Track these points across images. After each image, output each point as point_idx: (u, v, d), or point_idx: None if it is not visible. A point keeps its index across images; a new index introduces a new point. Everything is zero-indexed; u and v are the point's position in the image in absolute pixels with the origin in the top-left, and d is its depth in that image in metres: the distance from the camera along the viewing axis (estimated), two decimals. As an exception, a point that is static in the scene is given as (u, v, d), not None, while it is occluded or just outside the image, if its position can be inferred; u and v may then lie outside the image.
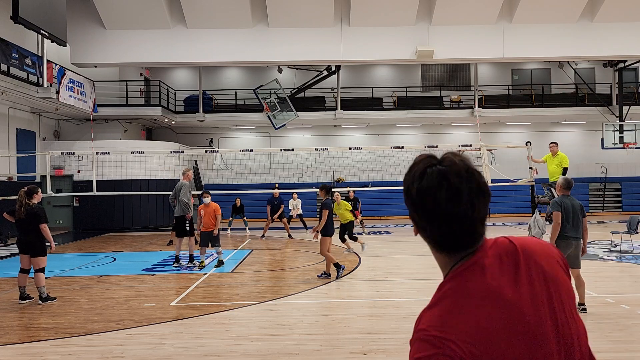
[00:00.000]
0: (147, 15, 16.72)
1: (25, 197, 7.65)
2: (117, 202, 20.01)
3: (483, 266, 1.26)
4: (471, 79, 25.10)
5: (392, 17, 17.01)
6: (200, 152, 20.21)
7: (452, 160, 1.27)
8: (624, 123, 21.51)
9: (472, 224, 1.27)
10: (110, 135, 21.52)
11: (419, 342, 1.20)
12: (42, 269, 7.69)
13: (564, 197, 6.79)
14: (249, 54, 17.38)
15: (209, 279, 9.54)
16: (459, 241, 1.28)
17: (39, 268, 7.65)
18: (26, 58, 15.18)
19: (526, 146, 12.71)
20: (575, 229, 6.63)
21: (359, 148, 14.56)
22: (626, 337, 5.70)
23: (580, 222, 6.69)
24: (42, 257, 7.68)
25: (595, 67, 25.60)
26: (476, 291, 1.22)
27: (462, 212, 1.24)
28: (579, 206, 6.74)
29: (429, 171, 1.26)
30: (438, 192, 1.24)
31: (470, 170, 1.27)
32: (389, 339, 5.71)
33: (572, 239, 6.63)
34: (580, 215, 6.70)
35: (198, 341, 5.78)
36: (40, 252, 7.67)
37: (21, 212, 7.60)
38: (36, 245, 7.64)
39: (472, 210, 1.25)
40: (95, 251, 13.98)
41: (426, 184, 1.25)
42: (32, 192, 7.74)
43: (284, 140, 25.57)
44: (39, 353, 5.45)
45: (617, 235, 12.36)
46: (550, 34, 17.31)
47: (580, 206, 6.77)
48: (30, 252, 7.64)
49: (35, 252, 7.63)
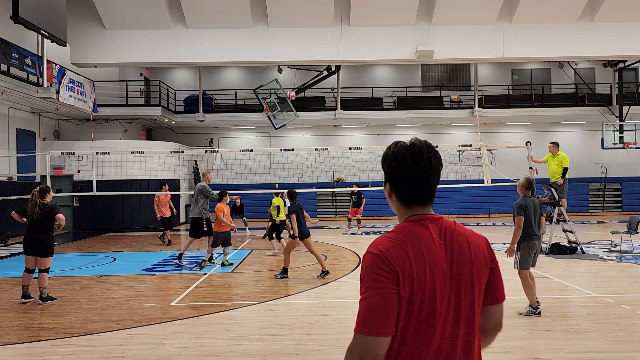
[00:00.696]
0: (147, 15, 16.72)
1: (39, 197, 7.71)
2: (117, 202, 20.01)
3: (427, 225, 1.80)
4: (471, 79, 25.10)
5: (392, 17, 17.00)
6: (200, 152, 20.22)
7: (417, 139, 1.88)
8: (624, 123, 21.51)
9: (429, 181, 1.84)
10: (110, 135, 21.52)
11: (370, 253, 1.74)
12: (47, 270, 7.73)
13: (526, 198, 6.81)
14: (249, 54, 17.38)
15: (209, 279, 9.54)
16: (417, 195, 1.84)
17: (45, 268, 7.68)
18: (26, 58, 15.18)
19: (526, 146, 12.70)
20: (536, 229, 6.74)
21: (359, 148, 14.55)
22: (626, 337, 5.70)
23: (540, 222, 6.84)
24: (50, 257, 7.74)
25: (595, 67, 25.59)
26: (417, 237, 1.76)
27: (422, 168, 1.80)
28: (539, 206, 6.84)
29: (400, 144, 1.87)
30: (406, 153, 1.82)
31: (429, 144, 1.86)
32: (389, 339, 5.71)
33: (535, 238, 6.71)
34: (540, 215, 6.81)
35: (198, 341, 5.78)
36: (50, 252, 7.72)
37: (36, 212, 7.60)
38: (48, 244, 7.68)
39: (429, 167, 1.82)
40: (95, 251, 13.98)
41: (398, 150, 1.85)
42: (45, 191, 7.82)
43: (284, 140, 25.57)
44: (39, 353, 5.45)
45: (617, 235, 12.36)
46: (550, 34, 17.30)
47: (539, 206, 6.86)
48: (41, 253, 7.63)
49: (46, 252, 7.66)
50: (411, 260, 1.70)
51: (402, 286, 1.67)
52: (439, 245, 1.76)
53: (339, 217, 23.67)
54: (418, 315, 1.69)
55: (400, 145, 1.86)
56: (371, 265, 1.70)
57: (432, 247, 1.75)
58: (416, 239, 1.75)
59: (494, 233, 16.94)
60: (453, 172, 24.21)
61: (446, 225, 1.82)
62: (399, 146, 1.86)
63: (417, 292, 1.69)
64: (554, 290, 8.12)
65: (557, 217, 12.15)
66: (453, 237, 1.80)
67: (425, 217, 1.82)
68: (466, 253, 1.79)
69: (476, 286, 1.79)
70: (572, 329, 6.07)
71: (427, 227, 1.79)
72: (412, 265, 1.69)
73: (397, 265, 1.68)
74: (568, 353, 5.20)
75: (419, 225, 1.79)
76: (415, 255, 1.71)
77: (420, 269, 1.70)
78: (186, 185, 23.35)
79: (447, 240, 1.79)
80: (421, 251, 1.72)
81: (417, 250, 1.72)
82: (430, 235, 1.77)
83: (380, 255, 1.70)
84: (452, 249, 1.78)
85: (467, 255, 1.79)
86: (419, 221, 1.81)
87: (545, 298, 7.69)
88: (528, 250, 6.71)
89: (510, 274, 9.66)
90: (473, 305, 1.78)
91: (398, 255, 1.70)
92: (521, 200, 6.78)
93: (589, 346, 5.38)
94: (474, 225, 20.22)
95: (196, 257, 12.38)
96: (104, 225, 19.92)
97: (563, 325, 6.21)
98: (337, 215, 23.91)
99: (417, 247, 1.73)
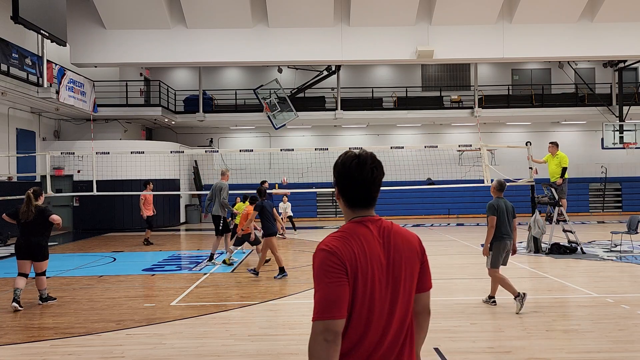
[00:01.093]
0: (147, 15, 16.72)
1: (34, 199, 7.50)
2: (117, 202, 20.00)
3: (368, 225, 2.08)
4: (471, 79, 25.10)
5: (392, 17, 17.01)
6: (200, 152, 20.21)
7: (363, 150, 2.15)
8: (624, 123, 21.51)
9: (370, 187, 2.10)
10: (110, 135, 21.52)
11: (322, 250, 2.00)
12: (44, 272, 7.62)
13: (499, 199, 7.03)
14: (249, 54, 17.38)
15: (209, 279, 9.54)
16: (360, 200, 2.12)
17: (43, 271, 7.57)
18: (26, 58, 15.18)
19: (526, 146, 12.70)
20: (509, 229, 6.94)
21: (359, 148, 14.56)
22: (626, 337, 5.70)
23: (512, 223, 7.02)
24: (46, 260, 7.61)
25: (595, 67, 25.60)
26: (359, 235, 2.04)
27: (365, 176, 2.07)
28: (511, 207, 7.05)
29: (349, 154, 2.13)
30: (352, 163, 2.09)
31: (373, 155, 2.12)
32: (389, 339, 5.71)
33: (507, 238, 6.91)
34: (512, 217, 7.02)
35: (198, 341, 5.78)
36: (46, 255, 7.58)
37: (31, 214, 7.40)
38: (43, 247, 7.51)
39: (371, 175, 2.08)
40: (95, 251, 13.98)
41: (346, 159, 2.11)
42: (39, 193, 7.64)
43: (284, 140, 25.57)
44: (39, 353, 5.45)
45: (617, 235, 12.36)
46: (550, 34, 17.31)
47: (512, 207, 7.06)
48: (38, 257, 7.46)
49: (43, 255, 7.50)
50: (356, 255, 1.98)
51: (350, 277, 1.96)
52: (379, 242, 2.05)
53: (338, 217, 23.67)
54: (362, 302, 1.98)
55: (349, 155, 2.13)
56: (323, 260, 1.97)
57: (373, 244, 2.04)
58: (359, 237, 2.03)
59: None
60: (453, 172, 24.23)
61: (384, 225, 2.11)
62: (347, 156, 2.13)
63: (361, 282, 1.98)
64: (554, 290, 8.12)
65: (557, 217, 12.15)
66: (390, 235, 2.09)
67: (367, 218, 2.10)
68: (401, 249, 2.08)
69: (410, 277, 2.09)
70: (572, 329, 6.07)
71: (368, 227, 2.07)
72: (357, 259, 1.98)
73: (345, 259, 1.97)
74: (568, 353, 5.20)
75: (361, 226, 2.08)
76: (359, 251, 2.00)
77: (363, 263, 1.99)
78: (186, 185, 23.35)
79: (385, 238, 2.07)
80: (363, 247, 2.01)
81: (360, 247, 2.01)
82: (370, 234, 2.05)
83: (331, 251, 1.98)
84: (389, 245, 2.07)
85: (402, 251, 2.08)
86: (361, 222, 2.09)
87: (545, 298, 7.69)
88: (499, 249, 6.93)
89: (510, 274, 9.67)
90: (407, 293, 2.08)
91: (345, 251, 1.98)
92: (494, 202, 7.01)
93: (589, 346, 5.38)
94: (473, 225, 20.22)
95: (196, 257, 12.39)
96: (104, 225, 19.92)
97: (563, 325, 6.21)
98: (337, 215, 23.90)
99: (360, 244, 2.01)
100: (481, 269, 10.19)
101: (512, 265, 10.47)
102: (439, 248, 13.33)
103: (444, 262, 10.89)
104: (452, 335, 5.79)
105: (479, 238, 15.38)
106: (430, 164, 20.84)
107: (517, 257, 11.43)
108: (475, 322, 6.31)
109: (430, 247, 12.97)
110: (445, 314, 6.64)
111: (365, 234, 2.05)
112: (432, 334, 5.84)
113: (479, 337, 5.76)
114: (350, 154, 2.12)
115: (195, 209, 23.56)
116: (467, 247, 13.38)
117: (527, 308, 7.04)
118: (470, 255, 11.94)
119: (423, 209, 23.63)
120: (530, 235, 12.14)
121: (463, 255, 12.11)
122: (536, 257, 11.43)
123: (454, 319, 6.43)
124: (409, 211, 23.84)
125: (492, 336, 5.77)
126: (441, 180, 23.20)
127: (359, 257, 1.98)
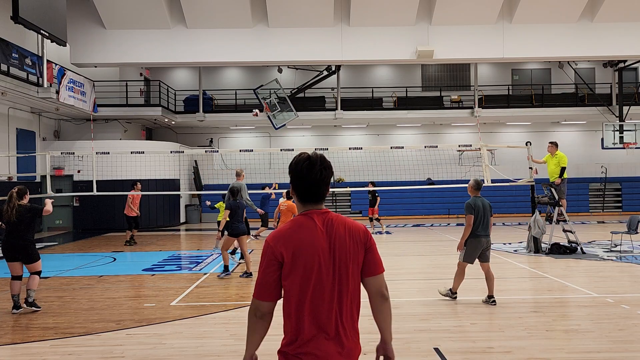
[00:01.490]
0: (147, 15, 16.72)
1: (17, 199, 7.19)
2: (117, 202, 19.96)
3: (313, 217, 2.42)
4: (471, 79, 25.10)
5: (392, 17, 17.00)
6: (200, 152, 20.21)
7: (315, 153, 2.46)
8: (624, 123, 21.51)
9: (319, 186, 2.43)
10: (110, 135, 21.52)
11: (266, 242, 2.41)
12: (39, 272, 7.36)
13: (476, 198, 7.27)
14: (249, 54, 17.38)
15: (209, 279, 9.54)
16: (310, 197, 2.45)
17: (37, 271, 7.31)
18: (26, 58, 15.18)
19: (526, 146, 12.70)
20: (485, 228, 7.18)
21: (359, 148, 14.55)
22: (626, 337, 5.70)
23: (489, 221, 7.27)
24: (38, 261, 7.32)
25: (595, 67, 25.59)
26: (305, 226, 2.39)
27: (314, 176, 2.39)
28: (488, 206, 7.26)
29: (302, 156, 2.45)
30: (303, 164, 2.41)
31: (323, 157, 2.45)
32: (389, 339, 5.71)
33: (482, 236, 7.17)
34: (489, 214, 7.24)
35: (198, 341, 5.78)
36: (35, 256, 7.26)
37: (13, 215, 7.05)
38: (28, 248, 7.18)
39: (320, 176, 2.41)
40: (95, 251, 13.98)
41: (299, 160, 2.44)
42: (24, 192, 7.30)
43: (284, 140, 25.57)
44: (39, 353, 5.45)
45: (617, 235, 12.36)
46: (550, 34, 17.30)
47: (489, 206, 7.28)
48: (25, 259, 7.18)
49: (29, 257, 7.19)
50: (299, 244, 2.36)
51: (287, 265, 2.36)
52: (321, 231, 2.39)
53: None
54: (315, 282, 2.35)
55: (302, 157, 2.45)
56: (265, 251, 2.41)
57: (316, 233, 2.38)
58: (304, 228, 2.40)
59: (494, 233, 16.88)
60: (453, 172, 24.23)
61: (330, 217, 2.45)
62: (300, 158, 2.45)
63: (309, 266, 2.34)
64: (554, 290, 8.12)
65: (557, 217, 12.15)
66: (333, 225, 2.42)
67: (313, 211, 2.45)
68: (343, 237, 2.40)
69: (353, 261, 2.42)
70: (572, 329, 6.08)
71: (314, 219, 2.42)
72: (300, 247, 2.35)
73: (282, 251, 2.36)
74: (568, 353, 5.21)
75: (307, 218, 2.43)
76: (303, 240, 2.36)
77: (309, 249, 2.35)
78: (186, 185, 23.35)
79: (328, 228, 2.40)
80: (307, 236, 2.37)
81: (304, 236, 2.37)
82: (315, 225, 2.40)
83: (270, 245, 2.40)
84: (332, 234, 2.40)
85: (343, 238, 2.40)
86: (307, 215, 2.44)
87: (545, 298, 7.70)
88: (473, 246, 7.20)
89: (511, 274, 9.66)
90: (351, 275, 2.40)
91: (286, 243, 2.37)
92: (471, 200, 7.25)
93: (589, 346, 5.38)
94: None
95: (196, 257, 12.39)
96: (104, 225, 19.91)
97: (563, 325, 6.21)
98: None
99: (305, 234, 2.38)
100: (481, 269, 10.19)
101: (512, 266, 10.48)
102: (439, 248, 13.33)
103: (443, 262, 10.88)
104: (452, 335, 5.79)
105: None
106: (430, 164, 20.84)
107: (517, 257, 11.43)
108: (475, 322, 6.31)
109: (430, 247, 12.98)
110: (445, 314, 6.64)
111: (310, 225, 2.40)
112: (432, 334, 5.87)
113: (479, 337, 5.76)
114: (303, 156, 2.45)
115: (195, 209, 23.55)
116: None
117: (527, 308, 7.04)
118: (470, 255, 11.94)
119: (423, 209, 23.61)
120: (530, 235, 12.14)
121: (463, 255, 12.10)
122: (536, 257, 11.43)
123: (454, 319, 6.43)
124: (409, 211, 23.83)
125: (492, 336, 5.77)
126: (441, 180, 23.19)
127: (302, 245, 2.35)
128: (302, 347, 2.34)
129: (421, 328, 6.08)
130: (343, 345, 2.36)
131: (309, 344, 2.33)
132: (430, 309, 6.94)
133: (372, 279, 2.47)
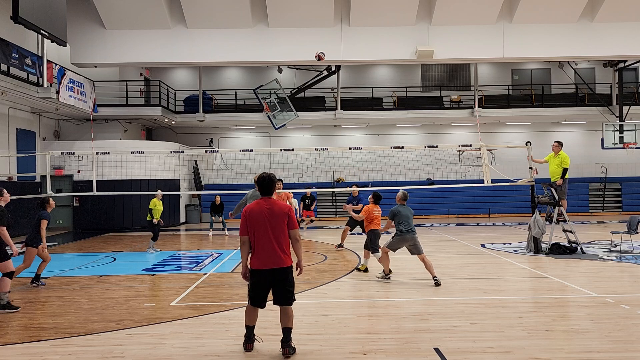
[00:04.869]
0: (147, 15, 16.73)
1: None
2: (117, 202, 20.01)
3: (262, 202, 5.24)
4: (471, 79, 25.11)
5: (392, 17, 17.01)
6: (200, 152, 20.22)
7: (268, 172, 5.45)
8: (624, 123, 21.53)
9: (269, 186, 5.29)
10: (110, 135, 21.53)
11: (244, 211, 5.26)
12: (9, 274, 7.24)
13: (400, 206, 8.83)
14: (249, 54, 17.38)
15: (209, 279, 9.54)
16: (266, 191, 5.30)
17: (7, 272, 7.21)
18: (26, 58, 15.18)
19: (526, 146, 12.69)
20: (408, 228, 8.68)
21: (359, 148, 14.55)
22: (626, 337, 5.70)
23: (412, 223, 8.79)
24: (7, 261, 7.17)
25: (595, 67, 25.60)
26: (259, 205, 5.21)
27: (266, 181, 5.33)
28: (411, 212, 8.88)
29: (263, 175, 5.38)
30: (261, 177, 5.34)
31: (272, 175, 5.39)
32: (388, 339, 5.71)
33: (406, 234, 8.68)
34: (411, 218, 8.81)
35: (198, 341, 5.78)
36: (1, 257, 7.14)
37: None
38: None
39: (270, 182, 5.30)
40: (95, 251, 13.98)
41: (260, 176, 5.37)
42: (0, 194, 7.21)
43: (284, 140, 25.58)
44: (39, 353, 5.45)
45: (617, 235, 12.35)
46: (550, 34, 17.32)
47: (411, 211, 8.88)
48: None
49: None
50: (254, 212, 5.12)
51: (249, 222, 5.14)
52: (266, 208, 5.14)
53: (339, 216, 23.67)
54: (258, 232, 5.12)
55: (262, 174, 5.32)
56: (243, 215, 5.18)
57: (263, 208, 5.14)
58: (257, 205, 5.16)
59: (494, 233, 16.95)
60: (453, 172, 24.25)
61: (272, 201, 5.19)
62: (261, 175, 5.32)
63: (255, 224, 5.12)
64: (554, 290, 8.12)
65: (557, 217, 12.15)
66: (272, 205, 5.15)
67: (264, 199, 5.23)
68: (276, 210, 5.13)
69: (281, 222, 5.13)
70: (572, 329, 6.07)
71: (262, 202, 5.18)
72: (255, 214, 5.12)
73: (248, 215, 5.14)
74: (568, 353, 5.20)
75: (261, 201, 5.19)
76: (256, 211, 5.13)
77: (255, 215, 5.12)
78: (186, 185, 23.35)
79: (269, 206, 5.14)
80: (257, 210, 5.14)
81: (256, 209, 5.14)
82: (264, 204, 5.17)
83: (244, 213, 5.18)
84: (271, 209, 5.14)
85: (276, 211, 5.13)
86: (262, 200, 5.22)
87: (545, 298, 7.70)
88: (398, 240, 8.74)
89: (510, 274, 9.65)
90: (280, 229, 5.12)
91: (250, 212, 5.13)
92: (394, 208, 8.82)
93: (589, 346, 5.38)
94: (473, 225, 20.21)
95: (196, 257, 12.39)
96: (104, 225, 19.92)
97: (563, 325, 6.21)
98: (337, 215, 23.91)
99: (256, 209, 5.14)
100: (481, 269, 10.20)
101: (512, 266, 10.48)
102: (439, 248, 13.33)
103: (444, 262, 10.89)
104: (452, 335, 5.79)
105: (479, 238, 15.39)
106: (430, 164, 20.86)
107: (517, 257, 11.43)
108: (475, 322, 6.30)
109: (430, 247, 12.96)
110: (445, 314, 6.64)
111: (261, 204, 5.16)
112: (432, 334, 5.87)
113: (479, 337, 5.76)
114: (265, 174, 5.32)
115: (195, 209, 23.55)
116: (467, 247, 13.38)
117: (527, 308, 7.04)
118: (470, 256, 11.95)
119: (423, 209, 23.60)
120: (530, 235, 12.13)
121: (463, 255, 12.11)
122: (536, 257, 11.43)
123: (454, 319, 6.43)
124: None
125: (492, 336, 5.77)
126: (441, 180, 23.21)
127: (255, 213, 5.11)
128: (259, 258, 5.14)
129: (421, 328, 6.08)
130: (282, 251, 5.14)
131: (261, 255, 5.16)
132: (430, 309, 6.94)
133: (291, 231, 5.19)
